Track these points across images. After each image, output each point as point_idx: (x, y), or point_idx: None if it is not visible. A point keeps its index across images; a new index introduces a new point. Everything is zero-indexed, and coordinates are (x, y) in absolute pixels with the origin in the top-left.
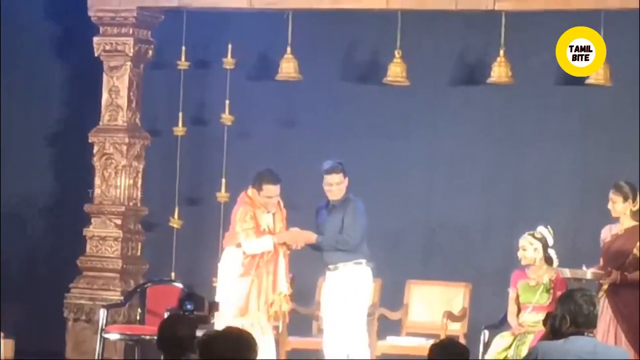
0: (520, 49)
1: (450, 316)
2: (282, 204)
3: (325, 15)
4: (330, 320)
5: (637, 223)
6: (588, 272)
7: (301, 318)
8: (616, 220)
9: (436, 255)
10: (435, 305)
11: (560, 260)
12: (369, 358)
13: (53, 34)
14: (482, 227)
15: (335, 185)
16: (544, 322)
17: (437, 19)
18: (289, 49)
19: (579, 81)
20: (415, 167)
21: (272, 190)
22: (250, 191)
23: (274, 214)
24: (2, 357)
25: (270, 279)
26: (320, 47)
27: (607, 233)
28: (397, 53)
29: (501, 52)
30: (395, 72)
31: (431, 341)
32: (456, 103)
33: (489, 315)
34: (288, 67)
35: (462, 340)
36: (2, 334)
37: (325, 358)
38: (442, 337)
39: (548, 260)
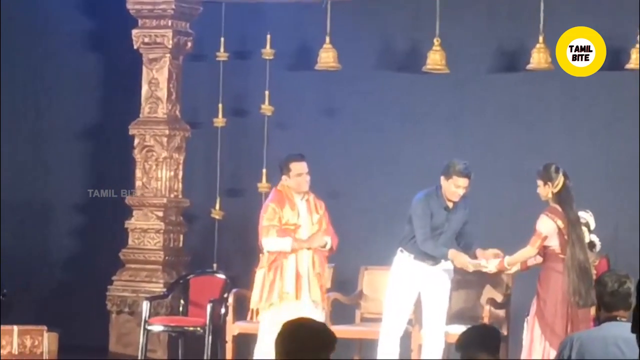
0: (559, 35)
1: (493, 303)
2: (314, 198)
3: (363, 4)
4: (429, 312)
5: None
6: (483, 262)
7: (343, 307)
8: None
9: (473, 244)
10: (477, 292)
11: (602, 246)
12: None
13: (92, 28)
14: (511, 213)
15: (462, 189)
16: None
17: (478, 5)
18: (327, 39)
19: (611, 66)
20: (455, 156)
21: (299, 166)
22: (280, 185)
23: (307, 202)
24: (47, 350)
25: (279, 278)
26: (359, 36)
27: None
28: (436, 41)
29: (540, 39)
30: (435, 59)
31: None
32: (495, 90)
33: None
34: (327, 57)
35: (504, 328)
36: (46, 328)
37: (426, 348)
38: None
39: (591, 245)
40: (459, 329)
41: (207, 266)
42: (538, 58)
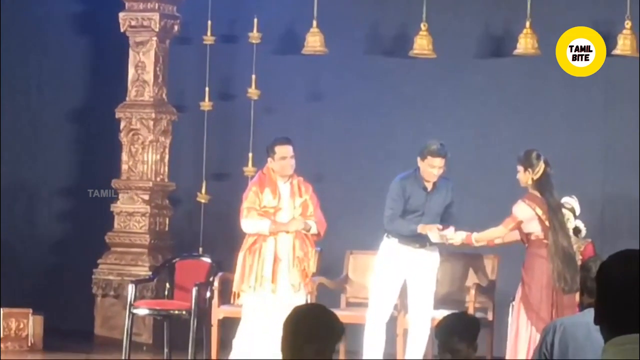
0: (546, 20)
1: (478, 288)
2: (300, 181)
3: None
4: (415, 297)
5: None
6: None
7: (329, 292)
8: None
9: (465, 227)
10: (463, 277)
11: (588, 232)
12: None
13: (79, 11)
14: (508, 198)
15: (437, 169)
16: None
17: None
18: (314, 23)
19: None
20: (442, 139)
21: (284, 150)
22: (265, 167)
23: (291, 184)
24: (32, 333)
25: (257, 261)
26: (346, 21)
27: None
28: (423, 26)
29: (527, 24)
30: (422, 44)
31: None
32: (482, 75)
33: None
34: (314, 41)
35: (489, 313)
36: (31, 311)
37: (411, 333)
38: (471, 309)
39: (576, 231)
40: (444, 313)
41: (192, 250)
42: (525, 43)
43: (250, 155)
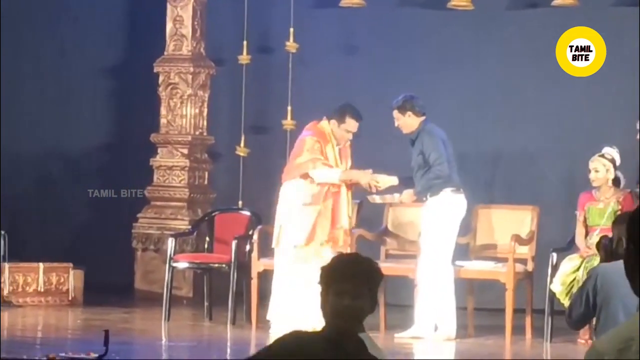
0: None
1: (518, 239)
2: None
3: None
4: (426, 247)
5: None
6: (395, 197)
7: (368, 244)
8: None
9: (500, 181)
10: (502, 229)
11: (627, 181)
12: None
13: None
14: (541, 151)
15: (396, 122)
16: (597, 246)
17: None
18: None
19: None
20: (482, 91)
21: (353, 125)
22: (324, 123)
23: (340, 150)
24: (72, 287)
25: (331, 212)
26: None
27: None
28: None
29: None
30: None
31: (500, 265)
32: (518, 26)
33: (557, 238)
34: None
35: (529, 264)
36: (71, 265)
37: (418, 283)
38: (510, 261)
39: (616, 182)
40: (482, 264)
41: (232, 203)
42: None
43: (289, 108)
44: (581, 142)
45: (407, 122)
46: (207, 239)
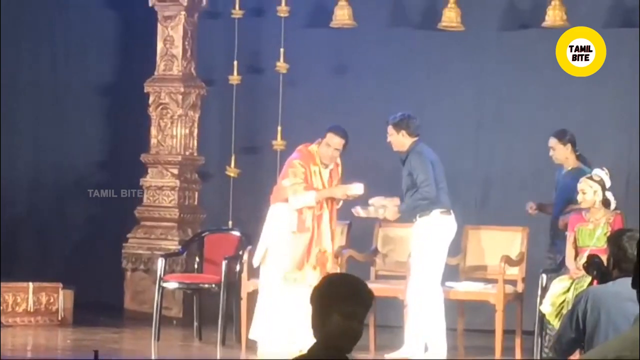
0: None
1: (508, 260)
2: (339, 162)
3: None
4: (415, 268)
5: None
6: (380, 212)
7: (358, 265)
8: None
9: (490, 200)
10: (492, 250)
11: (616, 202)
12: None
13: None
14: (533, 170)
15: (389, 137)
16: (584, 266)
17: None
18: None
19: (632, 23)
20: (469, 112)
21: (334, 140)
22: (314, 146)
23: (330, 171)
24: (62, 307)
25: (316, 234)
26: None
27: None
28: None
29: None
30: (450, 17)
31: (489, 286)
32: (509, 47)
33: (547, 260)
34: (342, 14)
35: (519, 285)
36: (61, 285)
37: (408, 304)
38: (500, 282)
39: (606, 203)
40: (472, 285)
41: (222, 223)
42: (553, 15)
43: (279, 128)
44: None
45: (399, 140)
46: (197, 259)
